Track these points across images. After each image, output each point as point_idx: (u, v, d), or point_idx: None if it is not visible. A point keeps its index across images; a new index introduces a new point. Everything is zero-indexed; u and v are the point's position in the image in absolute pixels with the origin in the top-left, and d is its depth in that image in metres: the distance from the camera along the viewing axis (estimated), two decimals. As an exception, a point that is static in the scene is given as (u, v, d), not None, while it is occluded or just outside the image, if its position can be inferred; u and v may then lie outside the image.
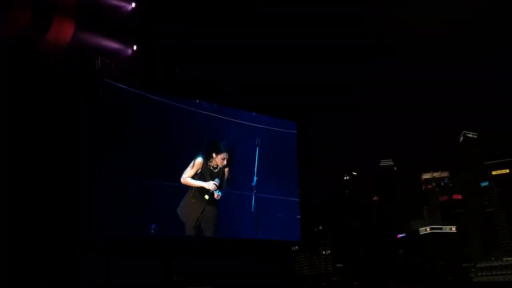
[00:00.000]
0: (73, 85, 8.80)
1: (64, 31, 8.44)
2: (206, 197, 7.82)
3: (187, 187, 8.48)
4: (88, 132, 8.58)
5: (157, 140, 9.51)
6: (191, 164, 8.30)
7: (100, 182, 8.42)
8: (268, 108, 11.04)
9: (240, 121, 10.60)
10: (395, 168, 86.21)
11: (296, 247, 11.76)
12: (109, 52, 9.29)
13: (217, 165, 8.13)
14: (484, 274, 60.21)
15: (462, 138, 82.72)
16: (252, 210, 8.74)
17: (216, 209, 8.60)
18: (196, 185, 8.26)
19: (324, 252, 66.88)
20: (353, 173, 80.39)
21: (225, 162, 8.01)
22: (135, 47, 9.66)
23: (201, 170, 8.24)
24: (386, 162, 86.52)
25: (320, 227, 67.75)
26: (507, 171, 71.29)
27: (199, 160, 8.12)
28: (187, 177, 8.28)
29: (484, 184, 73.61)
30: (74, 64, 8.87)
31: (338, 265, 66.31)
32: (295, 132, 11.62)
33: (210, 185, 8.00)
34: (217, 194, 8.02)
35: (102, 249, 8.32)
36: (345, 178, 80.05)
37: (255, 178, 8.76)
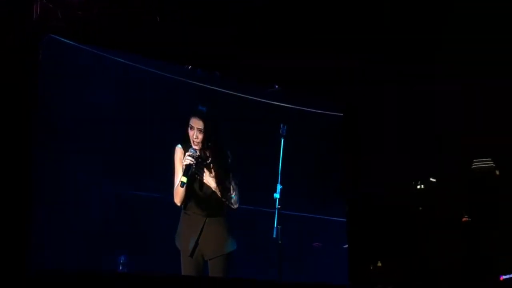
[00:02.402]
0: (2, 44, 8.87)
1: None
2: (184, 179, 7.34)
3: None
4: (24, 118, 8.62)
5: (128, 128, 9.56)
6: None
7: (38, 193, 8.38)
8: (298, 78, 10.89)
9: (255, 97, 10.56)
10: (497, 172, 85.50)
11: (343, 293, 11.69)
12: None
13: (204, 154, 7.66)
14: None
15: None
16: (274, 236, 8.50)
17: (222, 226, 7.83)
18: (182, 190, 7.75)
19: (385, 301, 67.05)
20: (431, 179, 79.92)
21: (198, 138, 7.47)
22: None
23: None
24: (483, 163, 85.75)
25: (379, 263, 67.75)
26: None
27: (176, 149, 7.74)
28: (176, 183, 7.82)
29: None
30: (2, 12, 8.93)
31: (406, 320, 66.40)
32: (341, 115, 11.55)
33: (186, 159, 7.56)
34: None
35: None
36: (418, 186, 79.70)
37: (278, 187, 8.42)
